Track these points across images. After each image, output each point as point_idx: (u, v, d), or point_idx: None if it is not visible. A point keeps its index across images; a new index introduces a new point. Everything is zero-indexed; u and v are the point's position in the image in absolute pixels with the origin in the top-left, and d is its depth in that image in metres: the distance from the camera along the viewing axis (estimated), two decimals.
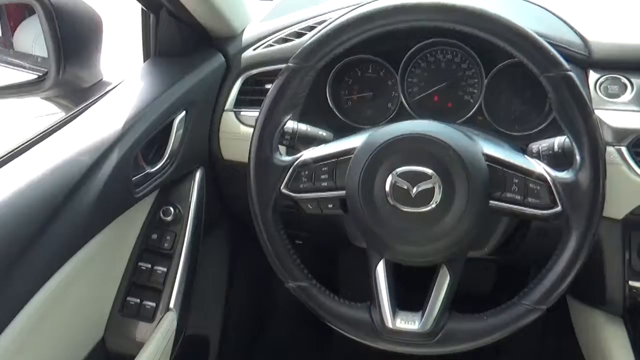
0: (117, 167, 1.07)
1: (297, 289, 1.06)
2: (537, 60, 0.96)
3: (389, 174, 0.97)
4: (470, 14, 0.97)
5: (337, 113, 1.36)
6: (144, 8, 1.33)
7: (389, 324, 1.02)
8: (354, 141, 1.04)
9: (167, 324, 1.18)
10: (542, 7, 1.32)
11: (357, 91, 1.38)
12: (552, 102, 0.97)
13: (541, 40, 0.96)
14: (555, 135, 1.09)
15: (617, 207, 1.15)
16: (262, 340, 1.89)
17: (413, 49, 1.30)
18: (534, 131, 1.27)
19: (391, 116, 1.34)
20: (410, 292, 1.07)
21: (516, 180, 0.98)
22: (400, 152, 0.98)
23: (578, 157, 0.96)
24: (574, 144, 0.97)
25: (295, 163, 1.05)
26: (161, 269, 1.21)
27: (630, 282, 1.22)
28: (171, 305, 1.19)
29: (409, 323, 1.02)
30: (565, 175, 0.97)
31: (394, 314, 1.02)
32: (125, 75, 1.30)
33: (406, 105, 1.33)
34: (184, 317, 1.23)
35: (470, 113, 1.31)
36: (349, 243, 1.34)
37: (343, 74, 1.37)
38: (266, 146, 1.04)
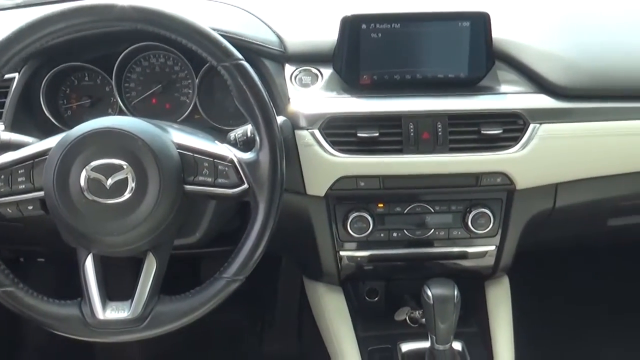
0: None
1: (2, 294, 1.04)
2: (212, 53, 1.05)
3: (82, 169, 1.00)
4: (147, 13, 1.03)
5: (56, 123, 1.35)
6: None
7: (100, 316, 1.03)
8: (51, 141, 1.06)
9: None
10: (243, 9, 1.43)
11: (76, 99, 1.39)
12: (232, 90, 1.06)
13: (214, 33, 1.05)
14: None
15: (318, 185, 1.27)
16: None
17: (123, 54, 1.34)
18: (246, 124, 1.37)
19: None
20: (125, 283, 1.10)
21: (206, 164, 1.05)
22: (93, 147, 1.01)
23: (258, 139, 1.06)
24: (254, 127, 1.06)
25: None
26: None
27: (341, 253, 1.36)
28: None
29: (119, 312, 1.04)
30: (249, 155, 1.06)
31: (104, 306, 1.04)
32: None
33: (125, 110, 1.37)
34: None
35: (187, 112, 1.38)
36: None
37: (59, 83, 1.38)
38: None
